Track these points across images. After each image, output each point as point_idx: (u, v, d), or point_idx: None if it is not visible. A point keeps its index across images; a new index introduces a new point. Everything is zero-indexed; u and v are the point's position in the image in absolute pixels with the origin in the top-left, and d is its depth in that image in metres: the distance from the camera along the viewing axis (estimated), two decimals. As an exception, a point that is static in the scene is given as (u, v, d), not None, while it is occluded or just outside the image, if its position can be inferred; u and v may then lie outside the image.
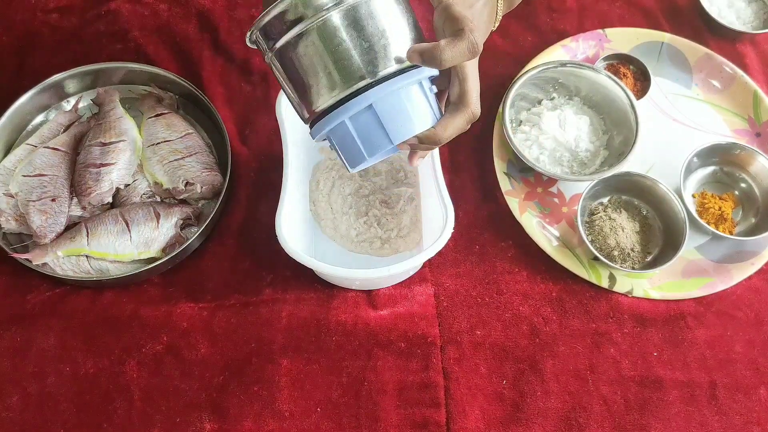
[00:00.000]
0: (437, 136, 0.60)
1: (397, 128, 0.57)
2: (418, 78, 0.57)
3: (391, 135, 0.57)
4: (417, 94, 0.58)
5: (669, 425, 0.77)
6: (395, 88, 0.56)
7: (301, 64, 0.57)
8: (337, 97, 0.56)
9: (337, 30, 0.55)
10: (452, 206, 0.75)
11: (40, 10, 1.02)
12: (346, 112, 0.57)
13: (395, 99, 0.57)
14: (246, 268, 0.85)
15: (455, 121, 0.60)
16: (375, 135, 0.57)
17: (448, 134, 0.60)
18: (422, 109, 0.59)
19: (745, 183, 0.91)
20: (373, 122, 0.57)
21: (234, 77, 0.97)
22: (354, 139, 0.58)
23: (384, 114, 0.57)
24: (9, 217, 0.84)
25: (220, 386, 0.78)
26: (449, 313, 0.82)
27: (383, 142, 0.58)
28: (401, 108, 0.57)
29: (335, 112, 0.57)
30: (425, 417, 0.76)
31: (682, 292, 0.84)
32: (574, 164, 0.90)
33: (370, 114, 0.57)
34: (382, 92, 0.56)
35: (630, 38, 1.00)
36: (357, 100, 0.56)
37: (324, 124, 0.58)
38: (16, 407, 0.76)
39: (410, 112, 0.58)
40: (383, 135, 0.57)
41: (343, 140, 0.59)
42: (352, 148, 0.59)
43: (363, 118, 0.57)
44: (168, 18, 1.01)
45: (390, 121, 0.57)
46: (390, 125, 0.57)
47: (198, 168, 0.86)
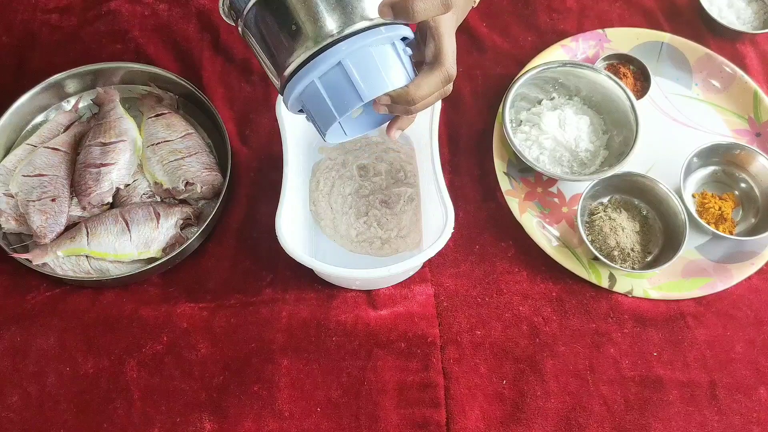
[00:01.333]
0: (410, 95, 0.58)
1: (368, 84, 0.55)
2: (390, 35, 0.56)
3: (360, 91, 0.55)
4: (389, 53, 0.57)
5: (669, 425, 0.77)
6: (365, 44, 0.55)
7: (269, 25, 0.55)
8: (305, 56, 0.55)
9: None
10: (452, 206, 0.75)
11: (40, 10, 1.02)
12: (315, 68, 0.55)
13: (365, 54, 0.55)
14: (246, 268, 0.85)
15: (429, 80, 0.58)
16: (345, 92, 0.56)
17: (422, 93, 0.58)
18: (394, 67, 0.57)
19: (745, 183, 0.91)
20: (342, 79, 0.55)
21: (234, 77, 0.97)
22: (324, 99, 0.56)
23: (353, 70, 0.55)
24: (9, 217, 0.84)
25: (220, 386, 0.78)
26: (449, 313, 0.82)
27: (353, 99, 0.56)
28: (371, 64, 0.55)
29: (303, 71, 0.55)
30: (425, 417, 0.76)
31: (682, 292, 0.84)
32: (574, 164, 0.90)
33: (339, 70, 0.55)
34: (350, 47, 0.54)
35: (630, 38, 1.00)
36: (324, 56, 0.54)
37: (293, 85, 0.56)
38: (16, 407, 0.76)
39: (381, 69, 0.56)
40: (353, 92, 0.55)
41: (314, 101, 0.57)
42: (323, 109, 0.57)
43: (332, 75, 0.55)
44: (168, 18, 1.01)
45: (360, 77, 0.55)
46: (359, 82, 0.55)
47: (198, 168, 0.86)
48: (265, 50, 0.58)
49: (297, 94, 0.57)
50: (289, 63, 0.56)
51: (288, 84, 0.57)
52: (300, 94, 0.57)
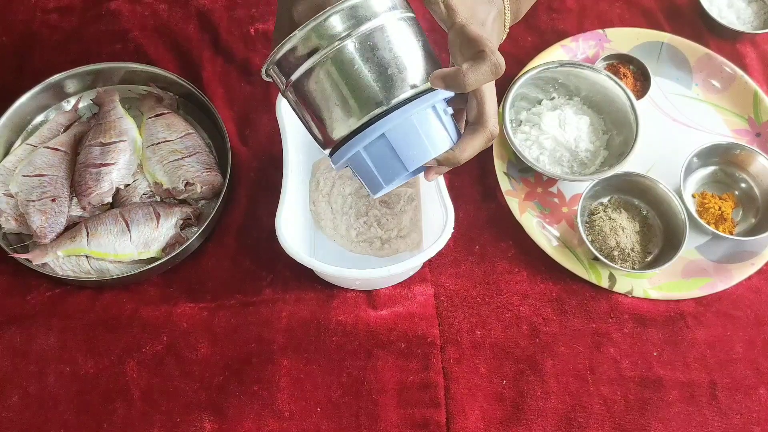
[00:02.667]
0: (456, 158, 0.59)
1: (412, 155, 0.57)
2: (432, 102, 0.57)
3: (405, 162, 0.57)
4: (431, 119, 0.58)
5: (669, 425, 0.77)
6: (408, 115, 0.56)
7: (316, 95, 0.57)
8: (352, 127, 0.56)
9: (350, 60, 0.55)
10: (452, 206, 0.75)
11: (40, 10, 1.02)
12: (361, 142, 0.56)
13: (408, 126, 0.56)
14: (246, 268, 0.85)
15: (474, 142, 0.59)
16: (390, 163, 0.57)
17: (467, 155, 0.59)
18: (437, 133, 0.58)
19: (745, 183, 0.91)
20: (387, 151, 0.57)
21: (234, 77, 0.97)
22: (370, 168, 0.58)
23: (397, 142, 0.56)
24: (9, 217, 0.84)
25: (220, 386, 0.78)
26: (449, 313, 0.82)
27: (399, 169, 0.57)
28: (414, 134, 0.57)
29: (350, 143, 0.57)
30: (425, 417, 0.76)
31: (682, 292, 0.84)
32: (574, 164, 0.90)
33: (384, 143, 0.56)
34: (394, 120, 0.56)
35: (630, 38, 1.00)
36: (369, 130, 0.56)
37: (341, 155, 0.58)
38: (16, 407, 0.76)
39: (424, 138, 0.57)
40: (398, 162, 0.57)
41: (360, 169, 0.59)
42: (370, 176, 0.59)
43: (377, 147, 0.57)
44: (168, 18, 1.01)
45: (404, 148, 0.57)
46: (404, 152, 0.57)
47: (198, 168, 0.86)
48: (312, 115, 0.58)
49: (344, 161, 0.59)
50: (337, 133, 0.57)
51: (335, 152, 0.59)
52: (347, 160, 0.59)
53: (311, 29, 0.54)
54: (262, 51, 0.99)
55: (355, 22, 0.54)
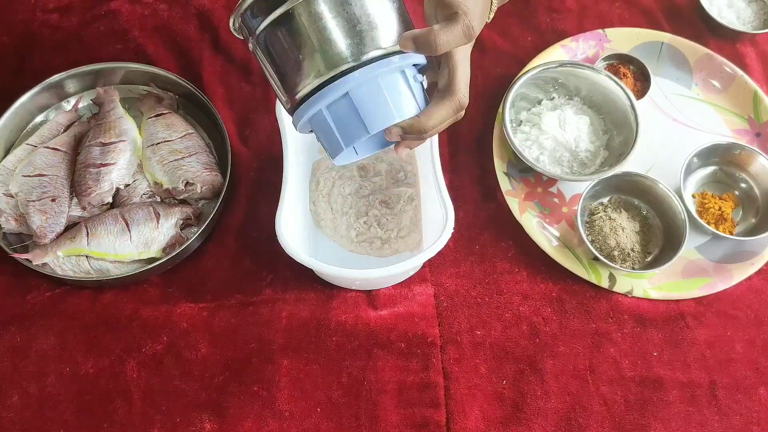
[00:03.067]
0: (420, 125, 0.57)
1: (374, 117, 0.54)
2: (400, 65, 0.55)
3: (367, 124, 0.54)
4: (399, 83, 0.55)
5: (669, 425, 0.77)
6: (373, 75, 0.53)
7: (282, 48, 0.55)
8: (315, 84, 0.54)
9: (319, 12, 0.53)
10: (452, 206, 0.75)
11: (40, 10, 1.02)
12: (323, 99, 0.54)
13: (373, 86, 0.54)
14: (246, 268, 0.85)
15: (440, 110, 0.57)
16: (352, 124, 0.55)
17: (433, 123, 0.57)
18: (403, 97, 0.56)
19: (745, 183, 0.91)
20: (349, 111, 0.54)
21: (234, 77, 0.97)
22: (331, 129, 0.55)
23: (360, 102, 0.54)
24: (9, 217, 0.84)
25: (220, 386, 0.78)
26: (449, 313, 0.82)
27: (360, 131, 0.55)
28: (379, 96, 0.54)
29: (312, 100, 0.55)
30: (425, 417, 0.76)
31: (682, 292, 0.84)
32: (574, 164, 0.90)
33: (347, 102, 0.54)
34: (358, 79, 0.53)
35: (630, 38, 1.00)
36: (333, 87, 0.53)
37: (302, 112, 0.56)
38: (16, 407, 0.76)
39: (389, 101, 0.55)
40: (360, 124, 0.55)
41: (322, 129, 0.56)
42: (330, 138, 0.56)
43: (339, 106, 0.54)
44: (168, 18, 1.01)
45: (366, 109, 0.54)
46: (366, 114, 0.54)
47: (198, 168, 0.86)
48: (276, 71, 0.57)
49: (306, 119, 0.57)
50: (299, 88, 0.55)
51: (297, 109, 0.57)
52: (309, 119, 0.57)
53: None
54: (262, 51, 0.99)
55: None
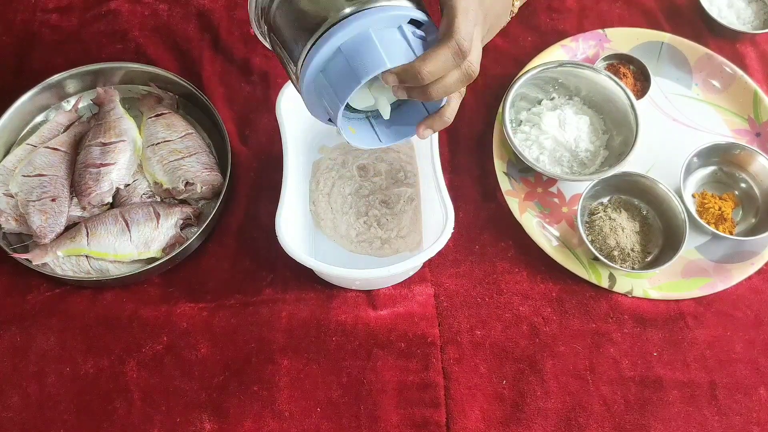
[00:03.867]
0: (414, 68, 0.53)
1: (365, 64, 0.52)
2: (394, 15, 0.53)
3: (358, 72, 0.52)
4: (393, 33, 0.53)
5: (669, 425, 0.77)
6: (364, 25, 0.52)
7: (286, 20, 0.54)
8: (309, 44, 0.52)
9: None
10: (452, 206, 0.75)
11: (40, 10, 1.02)
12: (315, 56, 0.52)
13: (364, 36, 0.52)
14: (246, 268, 0.85)
15: (437, 53, 0.53)
16: (345, 76, 0.52)
17: (430, 67, 0.53)
18: (396, 45, 0.53)
19: (745, 183, 0.91)
20: (342, 65, 0.52)
21: (234, 77, 0.97)
22: (327, 87, 0.53)
23: (350, 53, 0.52)
24: (9, 217, 0.84)
25: (220, 386, 0.78)
26: (449, 313, 0.82)
27: (352, 81, 0.52)
28: (370, 44, 0.52)
29: (306, 60, 0.53)
30: (425, 417, 0.76)
31: (682, 292, 0.84)
32: (574, 164, 0.90)
33: (339, 56, 0.52)
34: (349, 31, 0.51)
35: (630, 38, 1.00)
36: (321, 41, 0.52)
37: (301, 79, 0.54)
38: (16, 407, 0.76)
39: (380, 48, 0.52)
40: (352, 74, 0.52)
41: (322, 92, 0.54)
42: (330, 99, 0.54)
43: (334, 63, 0.52)
44: (168, 18, 1.01)
45: (357, 58, 0.52)
46: (358, 62, 0.52)
47: (198, 168, 0.86)
48: (285, 52, 0.56)
49: (308, 90, 0.55)
50: (298, 62, 0.54)
51: (299, 84, 0.55)
52: (310, 90, 0.55)
53: None
54: (262, 51, 0.99)
55: None
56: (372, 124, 0.60)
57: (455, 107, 0.59)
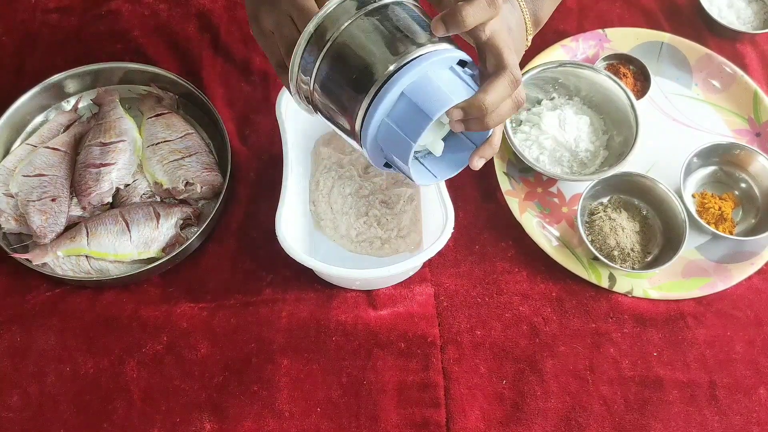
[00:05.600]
0: (478, 101, 0.56)
1: (432, 103, 0.55)
2: (445, 58, 0.56)
3: (427, 111, 0.54)
4: (448, 73, 0.57)
5: (669, 425, 0.77)
6: (422, 69, 0.55)
7: (332, 88, 0.57)
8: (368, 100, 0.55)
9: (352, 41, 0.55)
10: (452, 206, 0.75)
11: (40, 10, 1.02)
12: (379, 106, 0.55)
13: (424, 78, 0.55)
14: (246, 268, 0.85)
15: (495, 84, 0.56)
16: (413, 118, 0.55)
17: (492, 98, 0.56)
18: (456, 83, 0.57)
19: (745, 183, 0.91)
20: (408, 107, 0.55)
21: (234, 77, 0.97)
22: (396, 132, 0.56)
23: (416, 94, 0.54)
24: (9, 217, 0.84)
25: (220, 386, 0.78)
26: (449, 313, 0.82)
27: (422, 120, 0.55)
28: (432, 85, 0.55)
29: (370, 113, 0.55)
30: (425, 417, 0.76)
31: (682, 292, 0.84)
32: (574, 164, 0.90)
33: (404, 101, 0.55)
34: (408, 76, 0.54)
35: (630, 38, 1.00)
36: (384, 91, 0.54)
37: (365, 132, 0.56)
38: (16, 407, 0.76)
39: (443, 87, 0.55)
40: (421, 114, 0.55)
41: (390, 139, 0.56)
42: (398, 142, 0.56)
43: (398, 108, 0.55)
44: (168, 18, 1.01)
45: (423, 98, 0.54)
46: (424, 102, 0.54)
47: (198, 168, 0.86)
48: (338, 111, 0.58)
49: (371, 139, 0.57)
50: (357, 113, 0.56)
51: (362, 133, 0.57)
52: (376, 138, 0.57)
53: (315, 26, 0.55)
54: (262, 51, 0.99)
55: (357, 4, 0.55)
56: (422, 162, 0.63)
57: (500, 134, 0.62)
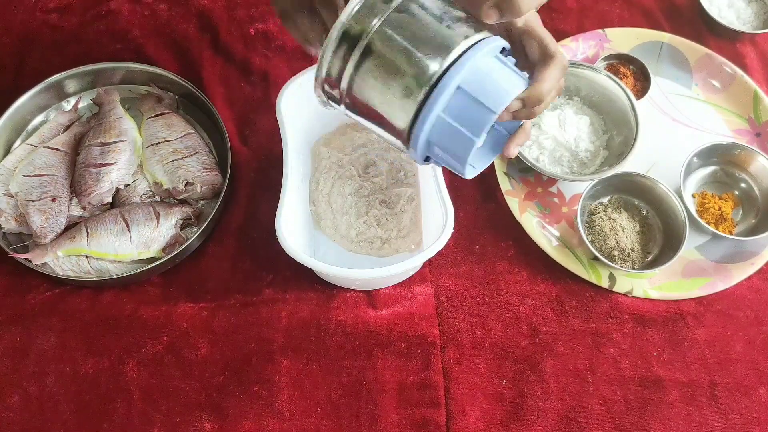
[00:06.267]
0: (537, 91, 0.56)
1: (495, 96, 0.53)
2: (492, 47, 0.54)
3: (490, 105, 0.52)
4: (498, 63, 0.55)
5: (669, 425, 0.77)
6: (475, 62, 0.52)
7: (373, 87, 0.53)
8: (421, 96, 0.52)
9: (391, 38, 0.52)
10: (452, 206, 0.75)
11: (40, 10, 1.02)
12: (437, 104, 0.52)
13: (480, 72, 0.53)
14: (246, 268, 0.85)
15: (549, 72, 0.57)
16: (475, 112, 0.53)
17: (548, 86, 0.56)
18: (509, 73, 0.55)
19: (745, 183, 0.91)
20: (467, 102, 0.53)
21: (234, 77, 0.97)
22: (456, 128, 0.53)
23: (475, 88, 0.52)
24: (9, 217, 0.84)
25: (220, 386, 0.78)
26: (449, 313, 0.82)
27: (486, 115, 0.53)
28: (488, 78, 0.53)
29: (426, 110, 0.53)
30: (425, 417, 0.76)
31: (682, 292, 0.84)
32: (574, 164, 0.90)
33: (461, 95, 0.52)
34: (465, 69, 0.52)
35: (630, 38, 1.00)
36: (442, 87, 0.52)
37: (420, 130, 0.54)
38: (16, 407, 0.76)
39: (499, 80, 0.54)
40: (483, 109, 0.53)
41: (444, 136, 0.54)
42: (457, 139, 0.54)
43: (455, 102, 0.52)
44: (168, 18, 1.01)
45: (484, 92, 0.52)
46: (486, 97, 0.52)
47: (198, 168, 0.86)
48: (377, 113, 0.55)
49: (425, 137, 0.55)
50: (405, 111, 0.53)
51: (414, 132, 0.54)
52: (429, 136, 0.55)
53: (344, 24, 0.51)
54: (262, 51, 0.99)
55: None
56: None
57: (531, 122, 0.62)
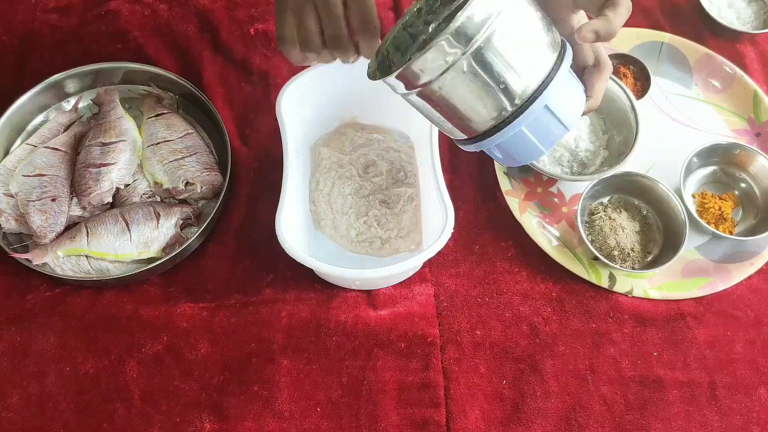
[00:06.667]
0: (594, 104, 0.62)
1: (569, 114, 0.59)
2: (568, 60, 0.59)
3: (566, 122, 0.59)
4: (570, 78, 0.60)
5: (669, 425, 0.77)
6: (559, 77, 0.57)
7: (456, 95, 0.56)
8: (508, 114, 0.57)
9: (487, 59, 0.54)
10: (452, 206, 0.75)
11: (40, 10, 1.02)
12: (523, 122, 0.57)
13: (561, 88, 0.58)
14: (246, 268, 0.85)
15: (603, 81, 0.63)
16: (551, 128, 0.59)
17: (601, 96, 0.63)
18: (577, 87, 0.61)
19: (745, 183, 0.91)
20: (548, 118, 0.58)
21: (234, 77, 0.97)
22: (530, 140, 0.59)
23: (557, 106, 0.58)
24: (9, 217, 0.84)
25: (220, 386, 0.78)
26: (449, 313, 0.82)
27: (561, 132, 0.60)
28: (566, 92, 0.59)
29: (512, 125, 0.57)
30: (425, 417, 0.76)
31: (682, 292, 0.84)
32: (574, 164, 0.90)
33: (545, 113, 0.58)
34: (551, 88, 0.57)
35: (630, 38, 1.00)
36: (533, 108, 0.57)
37: (497, 139, 0.58)
38: (16, 407, 0.76)
39: (573, 95, 0.60)
40: (559, 125, 0.59)
41: (517, 145, 0.60)
42: (527, 150, 0.60)
43: (538, 119, 0.58)
44: (168, 18, 1.01)
45: (562, 110, 0.59)
46: (564, 114, 0.59)
47: (198, 168, 0.86)
48: (450, 113, 0.58)
49: (497, 142, 0.59)
50: (486, 123, 0.58)
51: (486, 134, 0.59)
52: (500, 142, 0.59)
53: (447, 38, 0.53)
54: (262, 51, 0.99)
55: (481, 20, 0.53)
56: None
57: None
